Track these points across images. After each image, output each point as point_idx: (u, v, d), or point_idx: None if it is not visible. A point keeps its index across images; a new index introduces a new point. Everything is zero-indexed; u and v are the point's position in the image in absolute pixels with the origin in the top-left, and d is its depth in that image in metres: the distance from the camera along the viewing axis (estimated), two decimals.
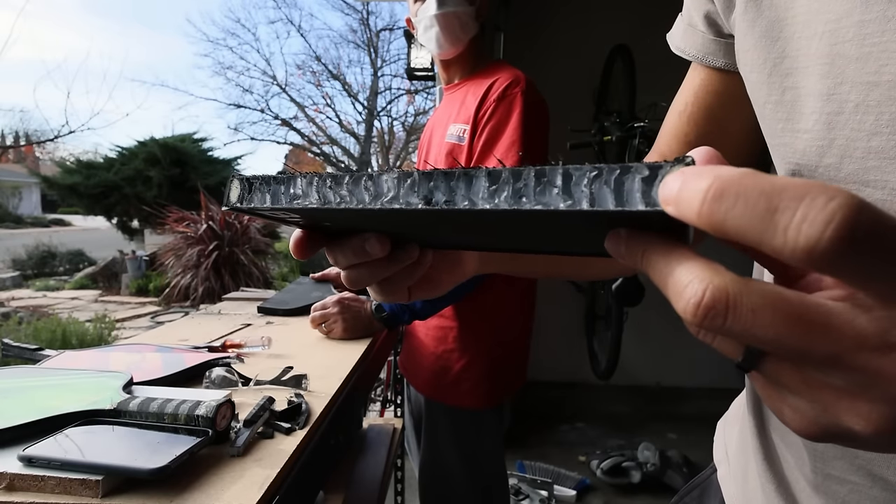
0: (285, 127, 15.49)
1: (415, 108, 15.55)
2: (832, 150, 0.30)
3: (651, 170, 0.19)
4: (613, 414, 3.05)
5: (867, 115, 0.28)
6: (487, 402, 1.24)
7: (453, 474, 1.29)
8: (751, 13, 0.35)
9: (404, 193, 0.25)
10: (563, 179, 0.21)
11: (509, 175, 0.22)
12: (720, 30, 0.41)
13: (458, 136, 1.22)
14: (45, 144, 17.21)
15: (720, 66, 0.43)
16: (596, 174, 0.20)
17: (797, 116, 0.32)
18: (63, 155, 14.51)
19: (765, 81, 0.35)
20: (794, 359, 0.20)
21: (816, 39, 0.30)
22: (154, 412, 0.58)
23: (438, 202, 0.24)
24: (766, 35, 0.34)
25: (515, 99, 1.14)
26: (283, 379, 0.79)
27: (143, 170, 9.50)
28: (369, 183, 0.26)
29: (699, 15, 0.43)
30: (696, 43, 0.44)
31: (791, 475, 0.39)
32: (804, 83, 0.32)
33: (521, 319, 1.29)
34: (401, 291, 0.37)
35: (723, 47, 0.42)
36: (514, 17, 2.85)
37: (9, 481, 0.49)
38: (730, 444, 0.50)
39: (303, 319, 1.29)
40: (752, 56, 0.35)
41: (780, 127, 0.34)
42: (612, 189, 0.20)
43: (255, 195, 0.29)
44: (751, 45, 0.35)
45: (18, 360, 0.91)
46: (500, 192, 0.22)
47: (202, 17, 32.43)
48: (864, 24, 0.28)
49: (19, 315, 5.10)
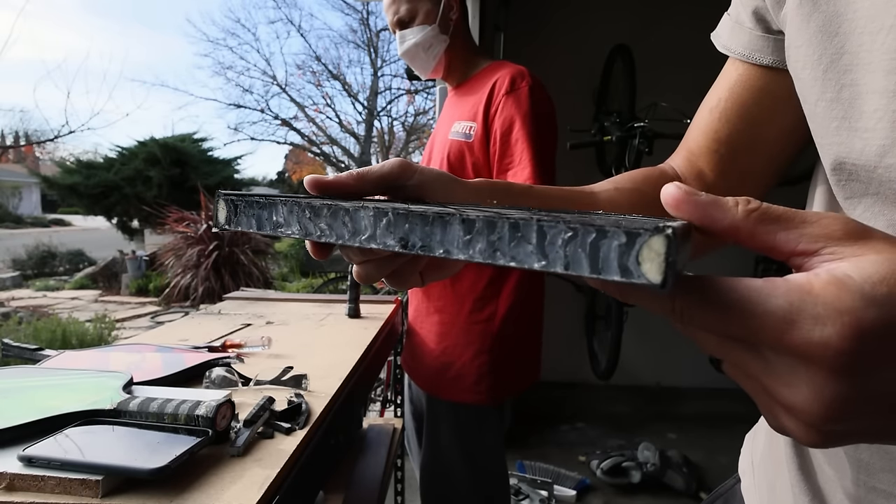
0: (285, 127, 15.48)
1: (415, 108, 15.55)
2: (894, 151, 0.29)
3: (629, 236, 0.18)
4: (613, 414, 3.05)
5: None
6: (489, 398, 1.24)
7: (455, 472, 1.29)
8: (806, 7, 0.34)
9: (381, 234, 0.25)
10: (537, 237, 0.20)
11: (483, 225, 0.22)
12: (769, 26, 0.40)
13: (464, 133, 1.24)
14: (45, 144, 17.19)
15: (768, 63, 0.41)
16: (571, 235, 0.20)
17: (856, 115, 0.31)
18: (63, 155, 14.50)
19: (819, 78, 0.33)
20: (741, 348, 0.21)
21: (883, 34, 0.29)
22: (154, 412, 0.58)
23: (415, 246, 0.24)
24: (822, 30, 0.33)
25: (523, 92, 1.17)
26: (283, 379, 0.79)
27: (143, 170, 9.50)
28: (346, 219, 0.26)
29: (747, 12, 0.42)
30: (744, 40, 0.42)
31: (827, 487, 0.38)
32: (865, 80, 0.30)
33: (526, 317, 1.29)
34: (413, 278, 0.37)
35: (771, 44, 0.41)
36: (514, 17, 2.85)
37: (9, 481, 0.49)
38: (755, 455, 0.48)
39: (303, 319, 1.29)
40: (806, 52, 0.34)
41: (836, 125, 0.32)
42: (588, 254, 0.19)
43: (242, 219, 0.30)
44: (804, 41, 0.34)
45: (18, 360, 0.91)
46: (474, 242, 0.22)
47: (202, 17, 32.44)
48: None
49: (19, 315, 5.10)
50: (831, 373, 0.19)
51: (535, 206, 0.43)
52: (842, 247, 0.19)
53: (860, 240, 0.20)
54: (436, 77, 1.36)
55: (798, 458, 0.40)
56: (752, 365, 0.21)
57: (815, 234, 0.20)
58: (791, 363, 0.19)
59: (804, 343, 0.18)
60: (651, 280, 0.18)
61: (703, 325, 0.21)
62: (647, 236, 0.18)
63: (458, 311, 1.24)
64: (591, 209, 0.45)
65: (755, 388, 0.22)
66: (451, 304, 1.25)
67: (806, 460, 0.40)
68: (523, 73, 1.20)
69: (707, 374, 3.03)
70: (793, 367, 0.19)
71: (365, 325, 1.25)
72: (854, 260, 0.19)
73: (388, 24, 1.31)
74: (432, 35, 1.26)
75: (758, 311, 0.19)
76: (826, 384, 0.19)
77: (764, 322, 0.19)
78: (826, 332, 0.18)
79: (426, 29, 1.26)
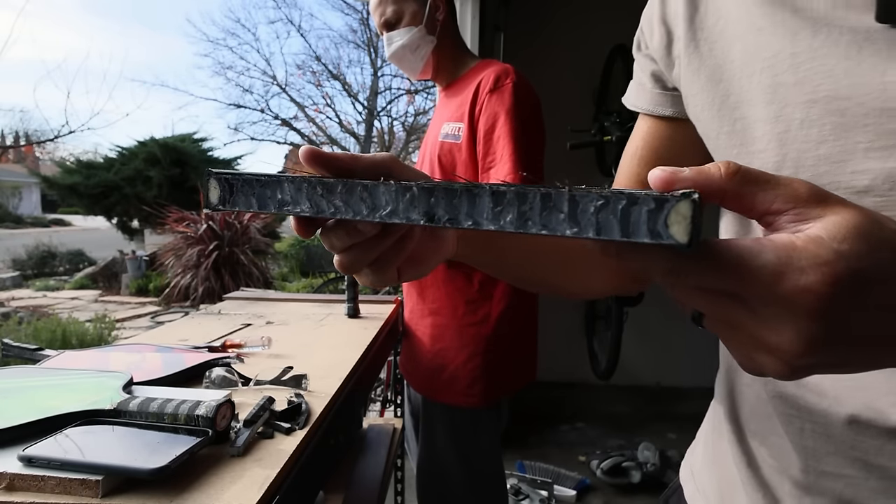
0: (285, 127, 15.47)
1: (415, 108, 15.54)
2: (787, 164, 0.35)
3: (657, 202, 0.20)
4: (613, 414, 3.05)
5: (811, 129, 0.33)
6: (483, 400, 1.23)
7: (450, 473, 1.29)
8: (694, 63, 0.42)
9: (404, 208, 0.25)
10: (569, 206, 0.21)
11: (514, 196, 0.22)
12: (665, 84, 0.48)
13: (453, 134, 1.24)
14: (45, 144, 17.19)
15: (668, 114, 0.49)
16: (603, 203, 0.21)
17: (750, 141, 0.37)
18: (63, 155, 14.49)
19: (716, 116, 0.40)
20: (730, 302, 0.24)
21: (757, 75, 0.36)
22: (154, 412, 0.58)
23: (441, 219, 0.24)
24: (710, 79, 0.40)
25: (507, 89, 1.16)
26: (283, 379, 0.79)
27: (143, 170, 9.49)
28: (365, 194, 0.25)
29: (646, 76, 0.50)
30: (646, 98, 0.50)
31: (774, 479, 0.40)
32: (751, 112, 0.37)
33: (521, 318, 1.29)
34: (391, 272, 0.38)
35: (668, 99, 0.48)
36: (514, 17, 2.85)
37: (9, 481, 0.49)
38: (695, 464, 0.52)
39: (303, 319, 1.29)
40: (701, 98, 0.41)
41: (736, 153, 0.39)
42: (619, 219, 0.21)
43: (239, 198, 0.28)
44: (698, 90, 0.42)
45: (18, 360, 0.91)
46: (504, 213, 0.22)
47: (202, 17, 32.30)
48: (795, 56, 0.34)
49: (19, 315, 5.10)
50: (813, 315, 0.22)
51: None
52: (807, 208, 0.23)
53: (821, 202, 0.23)
54: (425, 78, 1.36)
55: (745, 457, 0.43)
56: (740, 315, 0.24)
57: (787, 196, 0.23)
58: (777, 311, 0.23)
59: (792, 290, 0.22)
60: (679, 240, 0.20)
61: (699, 282, 0.24)
62: (674, 202, 0.20)
63: (452, 314, 1.24)
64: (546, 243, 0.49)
65: (738, 338, 0.25)
66: (445, 306, 1.25)
67: (752, 457, 0.43)
68: (508, 70, 1.19)
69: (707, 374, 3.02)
70: (778, 314, 0.23)
71: (364, 325, 1.25)
72: (821, 222, 0.23)
73: (376, 27, 1.31)
74: (419, 36, 1.25)
75: (752, 266, 0.22)
76: (808, 325, 0.22)
77: (757, 276, 0.22)
78: (810, 279, 0.22)
79: (413, 30, 1.25)
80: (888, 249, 0.22)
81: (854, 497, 0.35)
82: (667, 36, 0.45)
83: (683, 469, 0.55)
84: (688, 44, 0.42)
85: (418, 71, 1.31)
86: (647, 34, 0.49)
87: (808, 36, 0.33)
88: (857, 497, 0.35)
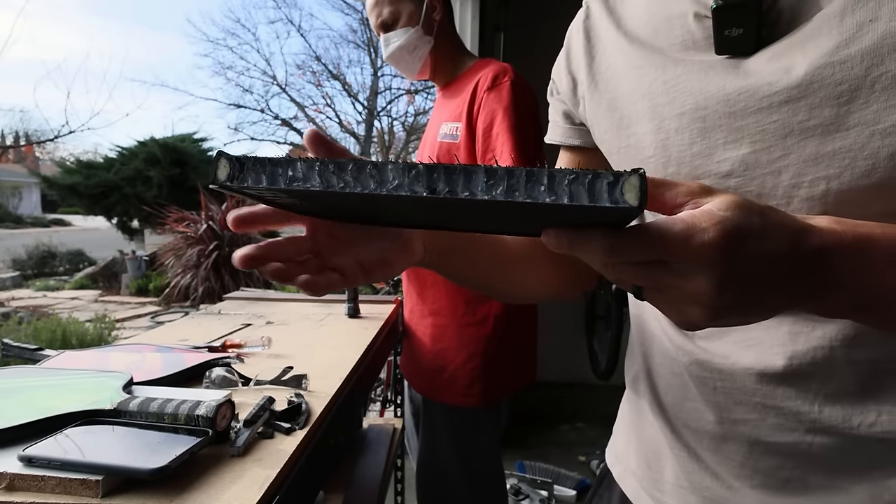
0: (285, 127, 15.47)
1: (415, 108, 15.54)
2: (671, 163, 0.45)
3: (615, 176, 0.26)
4: (613, 414, 3.04)
5: (684, 134, 0.44)
6: (483, 400, 1.23)
7: (450, 473, 1.29)
8: (595, 98, 0.53)
9: (409, 183, 0.28)
10: (548, 179, 0.26)
11: (504, 172, 0.27)
12: (573, 120, 0.59)
13: (451, 134, 1.24)
14: (45, 144, 17.21)
15: (577, 144, 0.59)
16: (574, 177, 0.26)
17: (641, 150, 0.47)
18: (63, 155, 14.51)
19: (615, 136, 0.51)
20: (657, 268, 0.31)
21: (640, 100, 0.47)
22: (154, 412, 0.58)
23: (441, 192, 0.27)
24: (608, 108, 0.51)
25: (505, 87, 1.17)
26: (283, 379, 0.79)
27: (143, 170, 9.50)
28: (374, 171, 0.28)
29: (558, 115, 0.60)
30: (559, 133, 0.61)
31: (692, 438, 0.50)
32: (639, 129, 0.47)
33: (520, 318, 1.29)
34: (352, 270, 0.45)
35: (576, 132, 0.59)
36: (514, 17, 2.85)
37: (9, 481, 0.49)
38: (618, 448, 0.62)
39: (303, 319, 1.29)
40: (603, 124, 0.52)
41: (633, 161, 0.48)
42: (587, 189, 0.26)
43: (249, 175, 0.30)
44: (600, 118, 0.52)
45: (18, 360, 0.91)
46: (496, 186, 0.27)
47: (202, 17, 32.40)
48: (666, 82, 0.45)
49: (19, 315, 5.10)
50: (715, 262, 0.29)
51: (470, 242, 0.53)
52: (701, 198, 0.31)
53: (710, 193, 0.31)
54: (423, 78, 1.36)
55: (667, 424, 0.52)
56: (664, 276, 0.31)
57: (685, 191, 0.31)
58: (691, 265, 0.30)
59: (699, 245, 0.29)
60: (632, 203, 0.25)
61: (633, 257, 0.30)
62: (627, 175, 0.25)
63: (452, 314, 1.24)
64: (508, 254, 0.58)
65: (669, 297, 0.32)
66: (445, 307, 1.25)
67: (672, 424, 0.52)
68: (506, 69, 1.20)
69: None
70: (693, 266, 0.30)
71: (365, 324, 1.25)
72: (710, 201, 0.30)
73: (373, 28, 1.31)
74: (416, 37, 1.25)
75: (668, 234, 0.29)
76: (714, 269, 0.29)
77: (673, 241, 0.29)
78: (710, 234, 0.29)
79: (409, 31, 1.25)
80: (757, 214, 0.30)
81: (759, 436, 0.45)
82: (572, 82, 0.56)
83: (608, 456, 0.64)
84: (589, 85, 0.53)
85: (416, 72, 1.31)
86: (557, 83, 0.59)
87: (672, 67, 0.45)
88: (761, 435, 0.44)
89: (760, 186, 0.41)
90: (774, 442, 0.44)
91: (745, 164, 0.41)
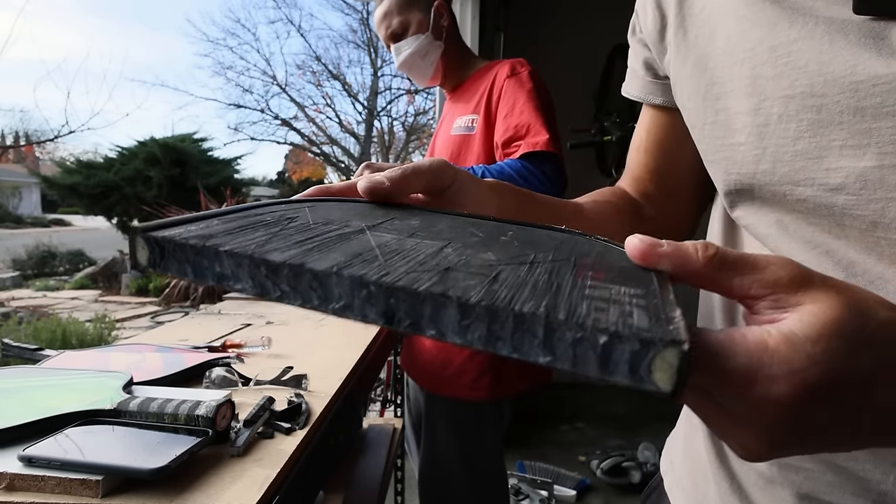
0: (285, 127, 15.48)
1: (415, 108, 15.55)
2: (765, 157, 0.35)
3: (643, 344, 0.17)
4: (613, 414, 3.05)
5: (789, 124, 0.33)
6: (488, 395, 1.24)
7: (453, 471, 1.29)
8: (682, 52, 0.42)
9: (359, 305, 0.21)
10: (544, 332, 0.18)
11: (484, 313, 0.19)
12: (657, 73, 0.49)
13: (466, 126, 1.26)
14: (45, 144, 17.20)
15: (659, 103, 0.50)
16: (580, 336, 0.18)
17: (731, 133, 0.37)
18: (63, 155, 14.50)
19: (700, 106, 0.40)
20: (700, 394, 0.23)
21: (738, 66, 0.36)
22: (154, 412, 0.58)
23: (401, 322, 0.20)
24: (695, 67, 0.40)
25: (524, 75, 1.20)
26: (283, 379, 0.79)
27: (143, 170, 9.51)
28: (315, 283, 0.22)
29: (639, 63, 0.50)
30: (638, 86, 0.51)
31: (741, 470, 0.42)
32: (732, 103, 0.37)
33: None
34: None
35: (660, 88, 0.49)
36: (514, 17, 2.85)
37: (9, 481, 0.49)
38: (675, 456, 0.54)
39: (303, 319, 1.29)
40: (687, 87, 0.41)
41: (719, 143, 0.39)
42: (598, 354, 0.18)
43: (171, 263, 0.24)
44: (685, 78, 0.42)
45: (18, 360, 0.91)
46: (472, 329, 0.19)
47: (202, 17, 32.40)
48: (774, 49, 0.33)
49: (19, 315, 5.10)
50: (778, 426, 0.22)
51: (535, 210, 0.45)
52: (786, 294, 0.22)
53: (801, 288, 0.22)
54: (434, 84, 1.39)
55: (715, 447, 0.45)
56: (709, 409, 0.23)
57: (765, 281, 0.23)
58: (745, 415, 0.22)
59: (761, 400, 0.21)
60: (661, 388, 0.18)
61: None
62: (661, 347, 0.17)
63: None
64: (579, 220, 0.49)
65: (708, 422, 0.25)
66: None
67: (721, 448, 0.44)
68: (522, 61, 1.23)
69: None
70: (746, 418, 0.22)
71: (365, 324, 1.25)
72: (797, 312, 0.22)
73: (382, 40, 1.33)
74: (427, 43, 1.27)
75: (724, 368, 0.21)
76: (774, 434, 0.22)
77: (728, 379, 0.21)
78: (781, 390, 0.21)
79: (420, 38, 1.27)
80: (867, 351, 0.21)
81: (812, 490, 0.37)
82: (661, 20, 0.44)
83: (663, 461, 0.57)
84: (677, 30, 0.42)
85: (428, 76, 1.33)
86: (641, 17, 0.48)
87: (786, 27, 0.33)
88: (815, 490, 0.37)
89: (879, 214, 0.30)
90: (830, 503, 0.36)
91: (863, 179, 0.31)
